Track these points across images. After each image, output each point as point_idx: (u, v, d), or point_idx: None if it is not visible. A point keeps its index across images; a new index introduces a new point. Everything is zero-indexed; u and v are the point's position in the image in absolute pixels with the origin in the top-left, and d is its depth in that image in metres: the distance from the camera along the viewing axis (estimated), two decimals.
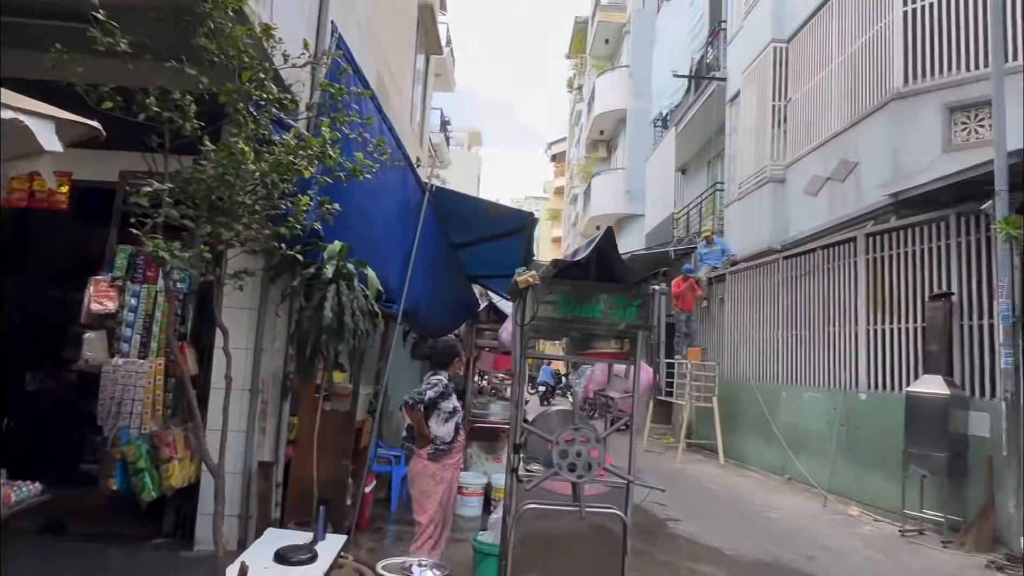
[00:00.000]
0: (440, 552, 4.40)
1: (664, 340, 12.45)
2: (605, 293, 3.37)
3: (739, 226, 12.23)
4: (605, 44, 26.85)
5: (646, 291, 3.48)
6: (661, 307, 3.66)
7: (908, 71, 7.88)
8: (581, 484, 3.06)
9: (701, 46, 15.56)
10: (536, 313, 3.22)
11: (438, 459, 4.38)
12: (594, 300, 3.32)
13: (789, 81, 10.80)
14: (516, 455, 3.28)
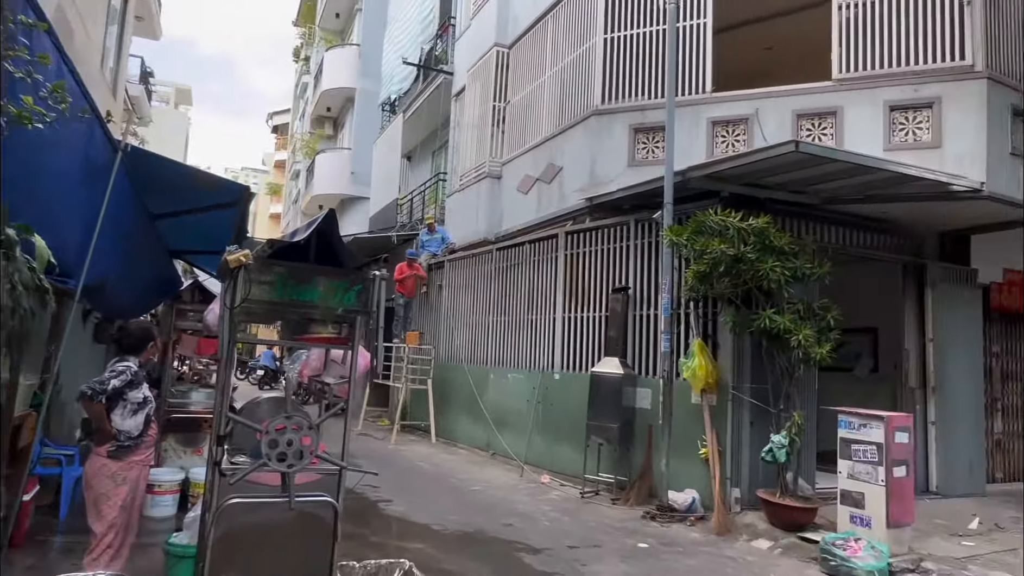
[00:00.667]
0: (122, 562, 3.90)
1: (383, 325, 12.57)
2: (324, 277, 3.28)
3: (459, 216, 12.83)
4: (336, 18, 26.01)
5: (367, 276, 3.46)
6: (381, 292, 3.68)
7: (605, 91, 8.98)
8: (291, 474, 2.96)
9: (431, 37, 15.92)
10: (248, 295, 3.01)
11: (121, 457, 3.87)
12: (312, 283, 3.21)
13: (509, 84, 11.59)
14: (219, 447, 3.04)
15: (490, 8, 12.27)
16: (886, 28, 7.60)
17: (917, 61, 7.44)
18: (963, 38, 7.30)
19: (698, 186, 7.21)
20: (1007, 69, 7.51)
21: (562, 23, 10.13)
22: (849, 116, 7.66)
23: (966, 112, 7.20)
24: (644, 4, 8.88)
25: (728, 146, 8.20)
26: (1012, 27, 7.68)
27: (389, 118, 18.79)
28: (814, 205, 7.68)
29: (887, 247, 8.40)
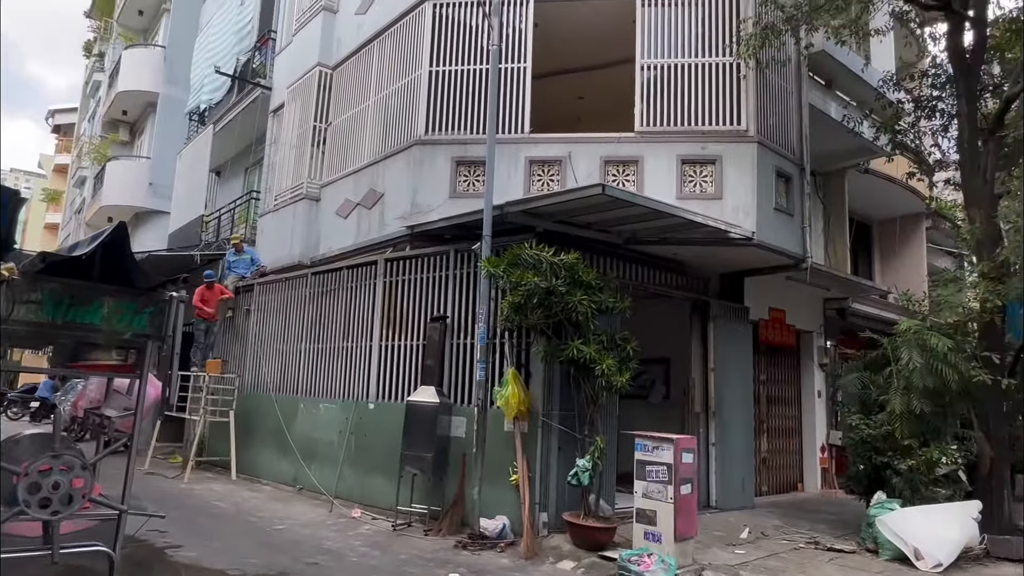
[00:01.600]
0: None
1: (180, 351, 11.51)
2: (110, 296, 2.95)
3: (272, 237, 12.18)
4: (139, 15, 23.86)
5: (162, 297, 3.17)
6: (179, 315, 3.38)
7: (429, 123, 9.09)
8: (56, 522, 2.58)
9: (248, 49, 15.14)
10: (12, 314, 2.62)
11: None
12: (95, 304, 2.87)
13: (332, 105, 11.32)
14: None
15: (314, 27, 11.96)
16: (680, 90, 8.52)
17: (704, 122, 8.42)
18: (739, 106, 8.41)
19: (515, 220, 7.51)
20: (773, 136, 8.76)
21: (388, 51, 10.14)
22: (649, 165, 8.45)
23: (741, 170, 8.26)
24: (469, 43, 9.17)
25: (544, 184, 8.66)
26: (778, 101, 8.99)
27: (197, 128, 17.47)
28: (618, 244, 8.34)
29: (678, 285, 9.32)
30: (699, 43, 8.65)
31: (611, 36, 9.42)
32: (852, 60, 10.20)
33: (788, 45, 8.92)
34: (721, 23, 8.64)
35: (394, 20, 10.04)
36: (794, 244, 9.01)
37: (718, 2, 8.66)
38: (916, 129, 10.01)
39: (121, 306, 2.97)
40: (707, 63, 8.57)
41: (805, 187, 9.24)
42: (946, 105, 9.54)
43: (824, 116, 10.00)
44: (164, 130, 20.28)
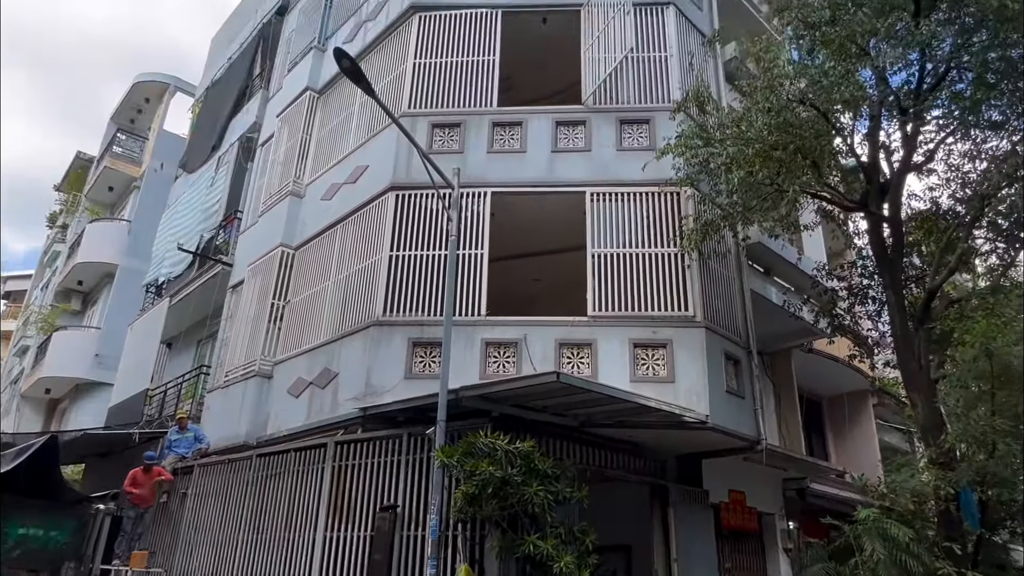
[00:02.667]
0: None
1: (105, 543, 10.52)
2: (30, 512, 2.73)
3: (218, 415, 11.74)
4: (108, 191, 24.60)
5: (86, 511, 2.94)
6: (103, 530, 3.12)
7: (387, 303, 9.25)
8: None
9: (214, 227, 15.55)
10: None
11: None
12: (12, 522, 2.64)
13: (291, 284, 11.48)
14: None
15: (280, 209, 12.44)
16: (629, 277, 8.96)
17: (653, 308, 8.78)
18: (686, 293, 8.83)
19: (471, 405, 7.45)
20: (720, 321, 9.13)
21: (350, 235, 10.53)
22: (602, 348, 8.64)
23: (691, 354, 8.50)
24: (428, 229, 9.62)
25: (500, 366, 8.72)
26: (721, 288, 9.49)
27: (153, 300, 17.39)
28: (574, 427, 8.27)
29: (636, 469, 9.15)
30: (645, 234, 9.26)
31: (564, 225, 10.01)
32: (787, 251, 10.98)
33: (727, 238, 9.60)
34: (664, 217, 9.31)
35: (358, 207, 10.54)
36: (748, 426, 9.08)
37: (660, 199, 9.40)
38: (852, 314, 10.58)
39: (42, 519, 2.74)
40: (654, 253, 9.12)
41: (753, 369, 9.50)
42: (876, 293, 10.19)
43: (766, 301, 10.54)
44: (118, 301, 20.15)
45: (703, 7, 11.86)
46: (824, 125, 8.04)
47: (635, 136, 10.00)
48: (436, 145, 10.25)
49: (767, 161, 7.80)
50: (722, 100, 10.46)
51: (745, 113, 8.17)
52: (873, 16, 7.40)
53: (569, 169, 9.91)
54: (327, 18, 14.19)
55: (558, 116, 10.32)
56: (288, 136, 13.24)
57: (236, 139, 15.73)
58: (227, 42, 19.56)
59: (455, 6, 11.24)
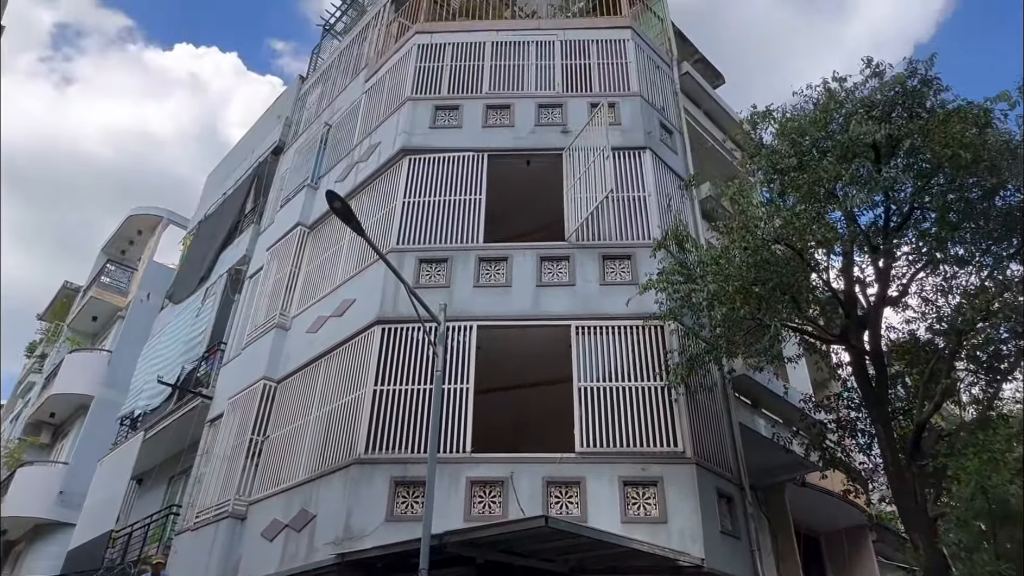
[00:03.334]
0: None
1: None
2: None
3: (186, 560, 11.02)
4: (92, 321, 24.44)
5: None
6: None
7: (370, 440, 9.01)
8: None
9: (196, 358, 15.37)
10: None
11: None
12: None
13: (272, 419, 11.20)
14: None
15: (264, 342, 12.38)
16: (617, 412, 8.86)
17: (642, 443, 8.62)
18: (675, 428, 8.71)
19: (455, 551, 7.09)
20: (710, 456, 8.95)
21: (335, 368, 10.44)
22: (591, 487, 8.37)
23: (683, 492, 8.25)
24: (414, 362, 9.56)
25: (485, 507, 8.39)
26: (710, 422, 9.38)
27: (127, 434, 16.81)
28: (563, 573, 7.83)
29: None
30: (631, 368, 9.26)
31: (549, 358, 10.00)
32: (773, 384, 10.98)
33: (713, 371, 9.62)
34: (650, 351, 9.37)
35: (344, 340, 10.53)
36: (745, 568, 8.68)
37: (645, 333, 9.49)
38: (843, 447, 10.43)
39: None
40: (640, 387, 9.08)
41: (747, 507, 9.21)
42: (865, 425, 10.11)
43: (755, 434, 10.41)
44: (90, 434, 19.46)
45: (678, 151, 12.60)
46: (800, 263, 8.31)
47: (618, 271, 10.26)
48: (423, 279, 10.43)
49: (747, 297, 7.98)
50: (700, 237, 10.88)
51: (724, 251, 8.45)
52: (837, 163, 7.87)
53: (554, 303, 10.07)
54: (321, 158, 14.86)
55: (542, 252, 10.62)
56: (277, 269, 13.44)
57: (225, 271, 15.93)
58: (223, 178, 20.32)
59: (444, 149, 11.86)
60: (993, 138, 7.78)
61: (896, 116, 8.13)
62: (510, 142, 12.02)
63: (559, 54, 13.16)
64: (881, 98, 8.15)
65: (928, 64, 8.02)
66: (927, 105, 8.12)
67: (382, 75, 14.28)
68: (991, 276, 8.64)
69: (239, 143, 21.39)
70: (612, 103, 11.95)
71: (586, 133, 11.35)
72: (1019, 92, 7.62)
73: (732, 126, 14.28)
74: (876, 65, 8.36)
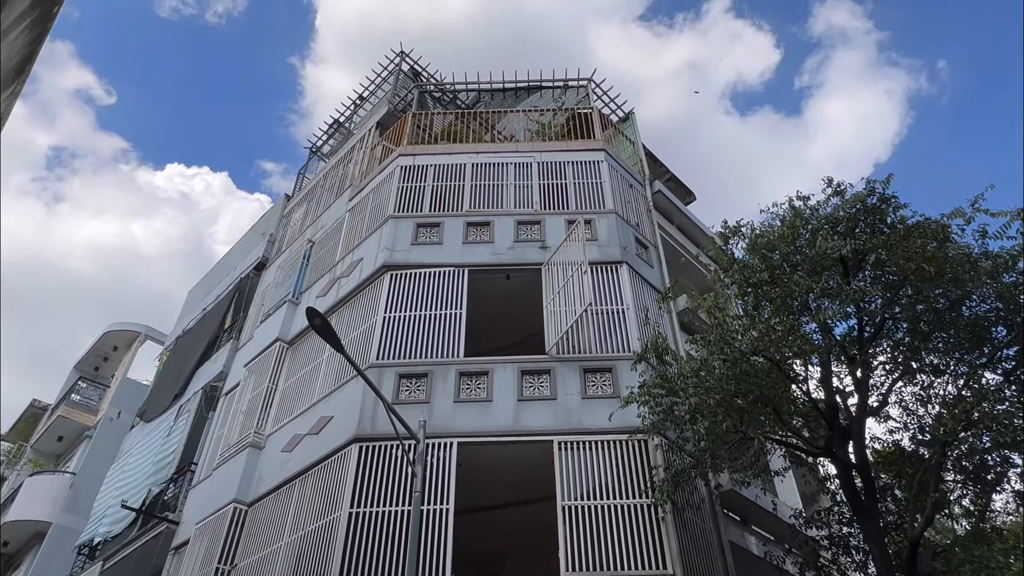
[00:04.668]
0: None
1: None
2: None
3: None
4: (57, 441, 23.52)
5: None
6: None
7: (344, 568, 8.52)
8: None
9: (164, 480, 14.73)
10: None
11: None
12: None
13: (241, 545, 10.61)
14: None
15: (237, 462, 11.93)
16: (602, 532, 8.53)
17: (631, 566, 8.24)
18: (662, 548, 8.38)
19: None
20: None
21: (309, 489, 10.04)
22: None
23: None
24: (392, 482, 9.24)
25: None
26: (699, 541, 9.04)
27: (84, 564, 15.78)
28: None
29: None
30: (616, 485, 9.02)
31: (532, 475, 9.73)
32: (762, 499, 10.72)
33: (699, 487, 9.39)
34: (634, 466, 9.16)
35: (320, 459, 10.20)
36: None
37: (628, 448, 9.33)
38: (838, 564, 10.06)
39: None
40: (626, 504, 8.81)
41: None
42: (858, 541, 9.81)
43: (746, 552, 10.04)
44: (44, 566, 18.19)
45: (653, 265, 12.94)
46: (779, 374, 8.35)
47: (599, 384, 10.21)
48: (403, 395, 10.28)
49: (729, 410, 7.94)
50: (679, 349, 10.95)
51: (703, 363, 8.49)
52: (807, 276, 8.11)
53: (536, 417, 9.92)
54: (303, 274, 15.00)
55: (523, 365, 10.58)
56: (254, 385, 13.19)
57: (201, 387, 15.60)
58: (203, 294, 20.33)
59: (425, 265, 12.06)
60: (953, 251, 8.10)
61: (860, 231, 8.47)
62: (490, 257, 12.27)
63: (536, 174, 13.73)
64: (844, 215, 8.51)
65: (885, 184, 8.45)
66: (888, 221, 8.48)
67: (366, 194, 14.73)
68: (967, 385, 8.72)
69: (222, 259, 21.58)
70: (588, 219, 12.36)
71: (564, 248, 11.65)
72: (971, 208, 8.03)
73: (705, 240, 14.80)
74: (837, 184, 8.79)
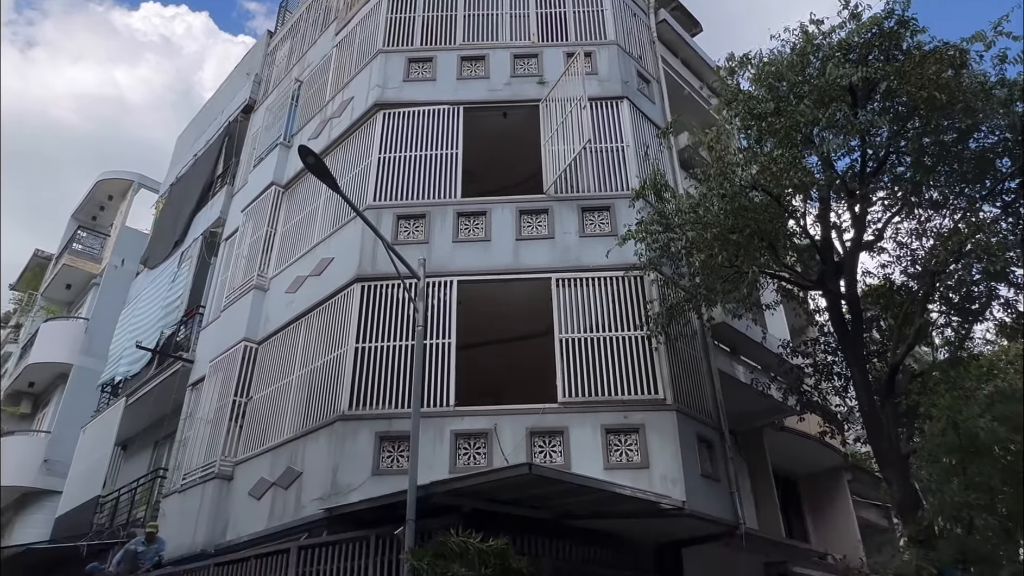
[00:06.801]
0: None
1: None
2: None
3: (175, 521, 11.08)
4: (66, 289, 24.02)
5: None
6: None
7: (353, 397, 9.02)
8: None
9: (175, 322, 15.22)
10: None
11: None
12: None
13: (254, 380, 11.16)
14: None
15: (243, 304, 12.26)
16: (598, 362, 8.93)
17: (623, 392, 8.72)
18: (655, 376, 8.82)
19: (441, 501, 7.17)
20: (690, 402, 9.10)
21: (315, 328, 10.39)
22: (574, 435, 8.49)
23: (664, 438, 8.39)
24: (395, 319, 9.54)
25: (470, 458, 8.49)
26: (690, 369, 9.50)
27: (109, 400, 16.72)
28: (549, 520, 7.99)
29: (616, 562, 8.78)
30: (612, 318, 9.31)
31: (531, 311, 10.03)
32: (752, 331, 11.13)
33: (692, 320, 9.71)
34: (630, 301, 9.41)
35: (323, 299, 10.45)
36: (725, 510, 8.90)
37: (625, 284, 9.52)
38: (820, 390, 10.66)
39: None
40: (621, 336, 9.15)
41: (727, 451, 9.41)
42: (841, 368, 10.32)
43: (734, 380, 10.59)
44: (72, 402, 19.33)
45: (655, 100, 12.47)
46: (777, 209, 8.33)
47: (597, 223, 10.23)
48: (401, 236, 10.33)
49: (725, 244, 8.02)
50: (679, 187, 10.84)
51: (702, 199, 8.44)
52: (814, 107, 7.84)
53: (534, 256, 10.04)
54: (293, 115, 14.51)
55: (521, 205, 10.53)
56: (253, 230, 13.24)
57: (200, 234, 15.67)
58: (192, 140, 19.82)
59: (418, 103, 11.63)
60: (968, 79, 7.78)
61: (873, 59, 8.08)
62: (486, 94, 11.81)
63: (533, 2, 12.85)
64: (858, 40, 8.07)
65: (905, 5, 7.93)
66: (903, 47, 8.06)
67: (353, 27, 13.88)
68: (964, 218, 8.74)
69: (208, 103, 20.82)
70: (588, 52, 11.75)
71: (563, 83, 11.17)
72: (994, 32, 7.59)
73: (709, 74, 14.16)
74: (854, 6, 8.25)
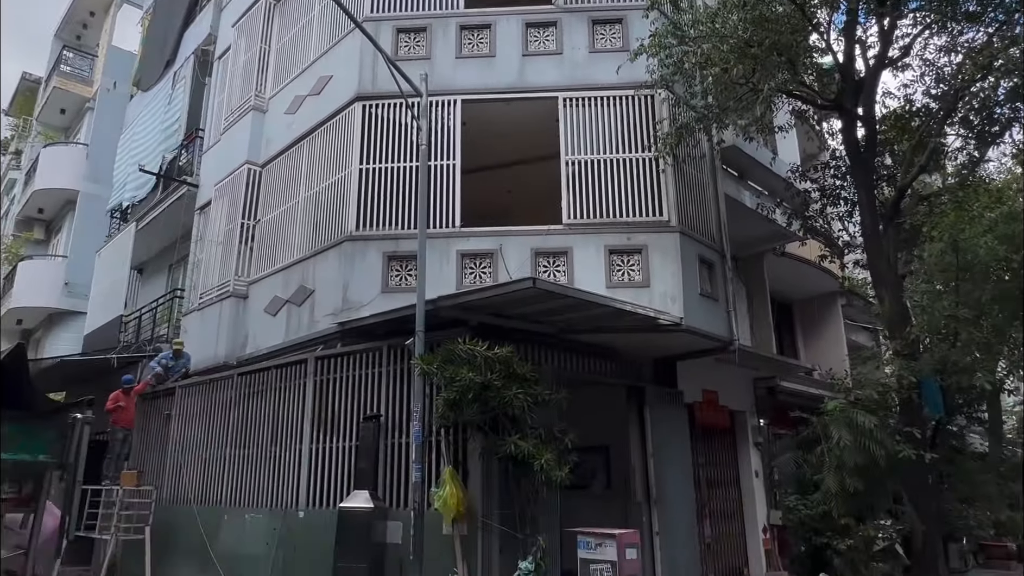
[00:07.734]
0: None
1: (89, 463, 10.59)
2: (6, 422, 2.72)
3: (196, 337, 11.70)
4: (60, 114, 23.46)
5: (64, 420, 2.94)
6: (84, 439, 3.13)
7: (360, 218, 9.10)
8: None
9: (175, 147, 15.00)
10: None
11: None
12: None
13: (261, 202, 11.21)
14: None
15: (243, 126, 11.99)
16: (604, 184, 8.88)
17: (628, 214, 8.75)
18: (661, 198, 8.80)
19: (448, 315, 7.48)
20: (694, 225, 9.16)
21: (318, 149, 10.23)
22: (578, 256, 8.66)
23: (666, 258, 8.56)
24: (399, 140, 9.36)
25: (476, 277, 8.72)
26: (696, 192, 9.46)
27: (119, 226, 16.95)
28: (552, 334, 8.38)
29: (613, 372, 9.37)
30: (619, 140, 9.11)
31: (537, 133, 9.79)
32: (761, 154, 10.91)
33: (701, 142, 9.49)
34: (639, 122, 9.15)
35: (324, 119, 10.19)
36: (721, 327, 9.29)
37: (634, 103, 9.20)
38: (824, 215, 10.69)
39: (18, 431, 2.74)
40: (628, 158, 9.01)
41: (727, 273, 9.63)
42: (848, 193, 10.27)
43: (739, 205, 10.56)
44: (83, 228, 19.60)
45: None
46: (800, 20, 7.83)
47: (608, 37, 9.67)
48: (402, 51, 9.84)
49: (742, 58, 7.64)
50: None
51: (719, 9, 7.91)
52: None
53: (541, 73, 9.62)
54: None
55: (528, 17, 9.91)
56: (246, 47, 12.61)
57: (191, 53, 14.97)
58: None
59: None
60: None
61: None
62: None
63: None
64: None
65: None
66: None
67: None
68: (998, 32, 8.23)
69: None
70: None
71: None
72: None
73: None
74: None
